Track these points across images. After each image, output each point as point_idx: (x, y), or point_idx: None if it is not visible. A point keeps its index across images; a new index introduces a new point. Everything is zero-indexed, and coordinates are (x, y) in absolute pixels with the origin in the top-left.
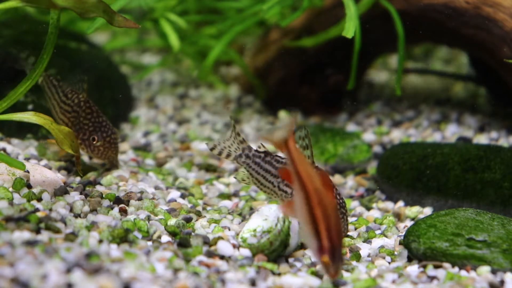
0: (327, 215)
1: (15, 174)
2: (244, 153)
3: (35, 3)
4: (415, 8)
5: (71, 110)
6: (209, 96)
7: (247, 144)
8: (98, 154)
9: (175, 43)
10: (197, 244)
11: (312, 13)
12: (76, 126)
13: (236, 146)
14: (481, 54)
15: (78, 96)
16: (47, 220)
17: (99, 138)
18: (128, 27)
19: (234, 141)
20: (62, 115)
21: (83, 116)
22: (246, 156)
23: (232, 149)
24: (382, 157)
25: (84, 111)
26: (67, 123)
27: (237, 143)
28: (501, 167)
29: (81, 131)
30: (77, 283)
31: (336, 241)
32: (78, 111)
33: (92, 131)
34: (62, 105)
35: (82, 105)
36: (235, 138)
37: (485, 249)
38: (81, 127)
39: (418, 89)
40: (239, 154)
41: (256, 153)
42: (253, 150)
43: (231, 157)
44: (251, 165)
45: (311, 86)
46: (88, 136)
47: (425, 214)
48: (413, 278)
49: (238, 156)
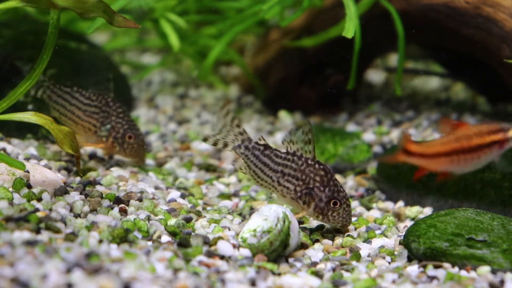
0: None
1: (15, 174)
2: (244, 144)
3: (35, 3)
4: (415, 8)
5: (99, 111)
6: (209, 96)
7: (247, 136)
8: (131, 152)
9: (175, 43)
10: (197, 244)
11: (312, 13)
12: (106, 126)
13: (234, 136)
14: (481, 54)
15: (104, 97)
16: (47, 220)
17: (134, 135)
18: (128, 27)
19: (231, 131)
20: (88, 117)
21: (115, 115)
22: (245, 147)
23: (229, 139)
24: (382, 157)
25: (116, 110)
26: (95, 124)
27: (235, 134)
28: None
29: (113, 130)
30: (77, 283)
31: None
32: (109, 111)
33: (127, 129)
34: (86, 108)
35: (111, 104)
36: (231, 128)
37: (485, 249)
38: (114, 126)
39: (418, 89)
40: (238, 144)
41: (256, 146)
42: (253, 142)
43: (228, 147)
44: (250, 157)
45: (311, 86)
46: (122, 134)
47: (425, 214)
48: (413, 278)
49: (237, 147)
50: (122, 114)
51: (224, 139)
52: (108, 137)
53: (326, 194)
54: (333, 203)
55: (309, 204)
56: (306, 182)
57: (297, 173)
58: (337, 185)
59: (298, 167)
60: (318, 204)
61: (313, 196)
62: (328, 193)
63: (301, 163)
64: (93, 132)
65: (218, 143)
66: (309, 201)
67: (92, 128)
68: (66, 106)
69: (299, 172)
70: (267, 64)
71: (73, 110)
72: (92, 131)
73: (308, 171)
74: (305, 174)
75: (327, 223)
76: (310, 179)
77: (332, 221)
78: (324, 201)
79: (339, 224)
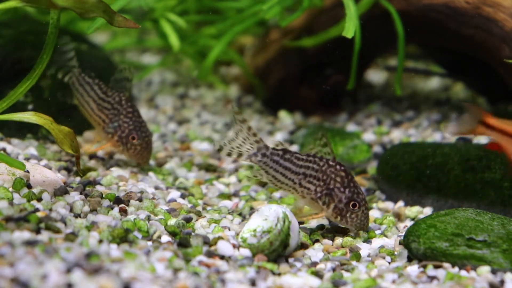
0: None
1: (15, 174)
2: (261, 152)
3: (35, 3)
4: (415, 8)
5: (110, 107)
6: (209, 96)
7: (263, 143)
8: (133, 153)
9: (175, 43)
10: (197, 244)
11: (312, 13)
12: (114, 123)
13: (249, 145)
14: (481, 54)
15: (119, 94)
16: (47, 220)
17: (138, 137)
18: (128, 27)
19: (246, 140)
20: (100, 111)
21: (123, 114)
22: (262, 155)
23: (243, 149)
24: (382, 157)
25: (125, 109)
26: (104, 120)
27: (251, 143)
28: (501, 167)
29: (119, 129)
30: (77, 283)
31: None
32: (119, 109)
33: (132, 130)
34: (100, 102)
35: (123, 103)
36: (247, 138)
37: (485, 249)
38: (120, 125)
39: (418, 89)
40: (254, 153)
41: (274, 151)
42: (270, 149)
43: (243, 157)
44: (269, 163)
45: (311, 86)
46: (127, 134)
47: (425, 214)
48: (413, 278)
49: (253, 155)
50: (131, 114)
51: (239, 149)
52: (114, 135)
53: (346, 195)
54: (352, 204)
55: (328, 205)
56: (327, 183)
57: (318, 173)
58: (357, 187)
59: (320, 168)
60: (338, 205)
61: (333, 196)
62: (348, 194)
63: (322, 164)
64: (102, 127)
65: (233, 153)
66: (329, 202)
67: (101, 123)
68: (84, 96)
69: (320, 172)
70: (267, 64)
71: (89, 101)
72: (101, 126)
73: (329, 172)
74: (326, 174)
75: (344, 224)
76: (330, 180)
77: (350, 223)
78: (343, 202)
79: (356, 227)
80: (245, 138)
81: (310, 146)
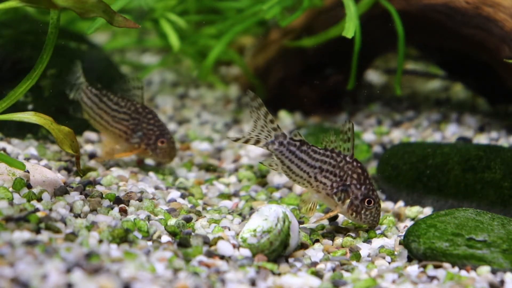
0: None
1: (15, 174)
2: (278, 140)
3: (35, 3)
4: (415, 8)
5: (129, 118)
6: (209, 96)
7: (281, 132)
8: (163, 155)
9: (175, 43)
10: (197, 244)
11: (312, 13)
12: (138, 133)
13: (267, 132)
14: (481, 54)
15: (133, 103)
16: (47, 220)
17: (166, 140)
18: (128, 27)
19: (264, 128)
20: (118, 123)
21: (145, 122)
22: (279, 143)
23: (262, 136)
24: (382, 157)
25: (145, 117)
26: (126, 131)
27: (268, 130)
28: (501, 167)
29: (145, 137)
30: (77, 283)
31: None
32: (138, 118)
33: (158, 135)
34: (114, 114)
35: (141, 111)
36: (265, 124)
37: (485, 249)
38: (145, 133)
39: (418, 89)
40: (271, 141)
41: (291, 141)
42: (287, 138)
43: (260, 143)
44: (285, 153)
45: (311, 86)
46: (154, 140)
47: (425, 214)
48: (413, 278)
49: (270, 143)
50: (152, 120)
51: (257, 136)
52: (140, 144)
53: (362, 192)
54: (367, 201)
55: (344, 201)
56: (344, 179)
57: (335, 169)
58: (372, 184)
59: (337, 164)
60: (354, 201)
61: (349, 193)
62: (364, 191)
63: (339, 159)
64: (124, 139)
65: (250, 140)
66: (345, 198)
67: (123, 135)
68: (94, 108)
69: (337, 168)
70: (267, 64)
71: (101, 114)
72: (124, 138)
73: (346, 168)
74: (343, 171)
75: (358, 221)
76: (347, 176)
77: (364, 219)
78: (359, 199)
79: (369, 223)
80: (263, 126)
81: (331, 137)
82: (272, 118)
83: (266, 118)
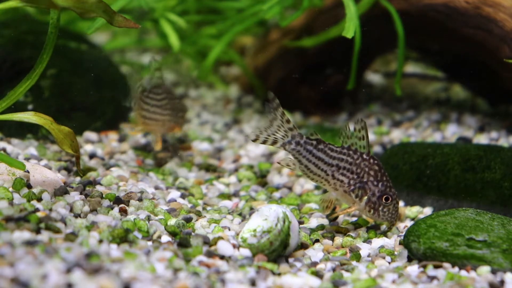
0: None
1: (15, 174)
2: (295, 140)
3: (35, 3)
4: (415, 8)
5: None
6: (209, 96)
7: (297, 131)
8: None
9: (175, 43)
10: (197, 244)
11: (312, 13)
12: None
13: (284, 132)
14: (481, 54)
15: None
16: (47, 220)
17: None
18: (128, 27)
19: (280, 127)
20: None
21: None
22: (296, 143)
23: (278, 136)
24: (382, 157)
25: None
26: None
27: (285, 130)
28: (501, 167)
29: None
30: (77, 283)
31: None
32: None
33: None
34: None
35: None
36: (282, 124)
37: (485, 249)
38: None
39: (418, 89)
40: (288, 140)
41: (308, 141)
42: (304, 138)
43: (277, 143)
44: (302, 152)
45: (311, 86)
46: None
47: (425, 214)
48: (413, 278)
49: (287, 143)
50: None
51: (274, 136)
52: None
53: (379, 188)
54: (385, 198)
55: (361, 198)
56: (361, 176)
57: (352, 166)
58: (389, 181)
59: (354, 161)
60: (371, 198)
61: (366, 190)
62: (382, 188)
63: (356, 157)
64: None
65: (268, 141)
66: (362, 195)
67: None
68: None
69: (354, 165)
70: (267, 64)
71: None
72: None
73: (363, 165)
74: (360, 168)
75: (376, 218)
76: (364, 173)
77: (382, 216)
78: (376, 196)
79: (387, 220)
80: (279, 126)
81: (347, 133)
82: (288, 118)
83: (283, 119)
